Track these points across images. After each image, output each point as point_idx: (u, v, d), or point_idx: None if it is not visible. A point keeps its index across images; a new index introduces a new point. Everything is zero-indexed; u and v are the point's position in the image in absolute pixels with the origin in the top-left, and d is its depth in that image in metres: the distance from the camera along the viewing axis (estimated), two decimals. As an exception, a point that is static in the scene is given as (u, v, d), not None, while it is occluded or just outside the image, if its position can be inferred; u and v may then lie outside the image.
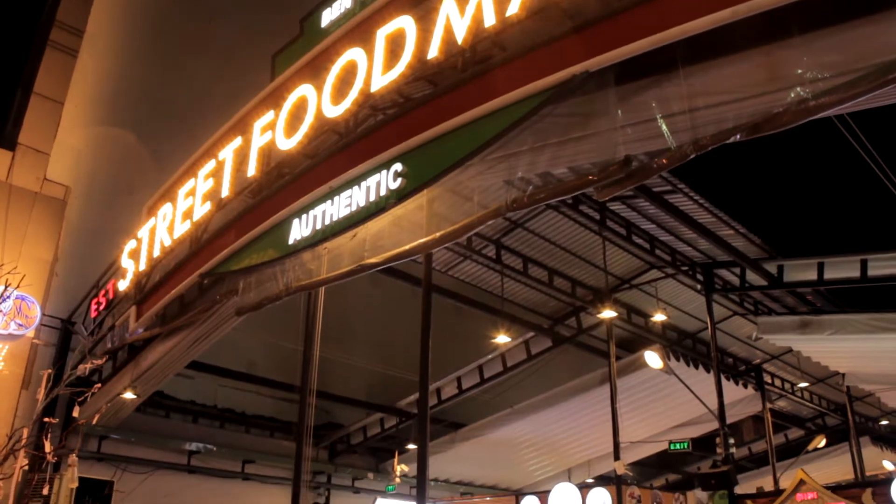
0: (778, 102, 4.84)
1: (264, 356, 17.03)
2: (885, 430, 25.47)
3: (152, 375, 13.48)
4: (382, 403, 19.22)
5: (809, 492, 14.42)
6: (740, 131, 4.94)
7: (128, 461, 15.85)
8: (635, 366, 16.05)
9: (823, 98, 4.65)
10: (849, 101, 4.63)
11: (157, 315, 11.53)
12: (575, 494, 14.69)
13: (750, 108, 5.05)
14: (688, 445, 15.78)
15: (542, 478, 20.24)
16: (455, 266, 14.90)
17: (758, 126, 4.88)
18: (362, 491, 20.68)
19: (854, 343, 15.34)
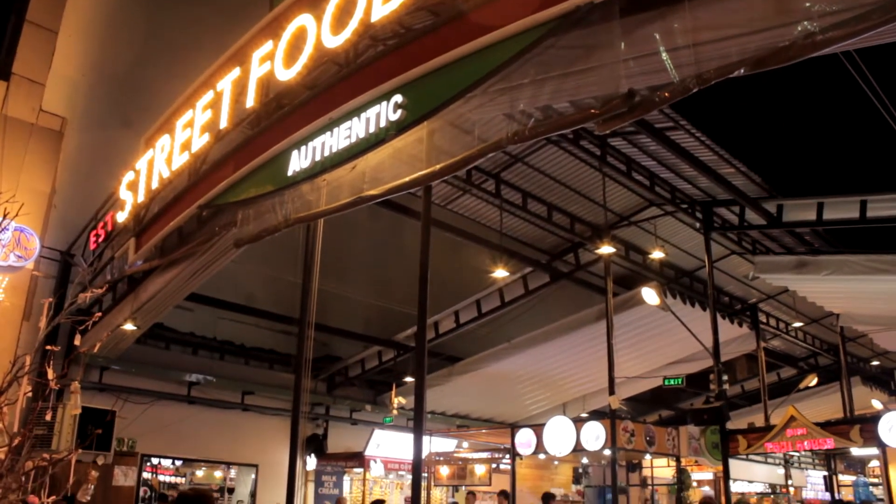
0: (784, 36, 4.76)
1: (263, 289, 17.12)
2: (876, 371, 25.81)
3: (152, 307, 13.57)
4: (380, 337, 19.40)
5: (799, 428, 14.72)
6: (745, 65, 4.87)
7: (129, 391, 16.07)
8: (632, 302, 16.15)
9: (831, 32, 4.57)
10: (857, 37, 4.55)
11: (156, 247, 11.54)
12: (569, 427, 14.95)
13: (755, 42, 4.96)
14: (682, 381, 16.01)
15: (538, 412, 20.55)
16: (454, 200, 14.88)
17: (762, 60, 4.81)
18: (360, 423, 21.04)
19: (850, 284, 15.41)
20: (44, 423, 12.98)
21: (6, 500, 4.80)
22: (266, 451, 18.42)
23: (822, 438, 14.46)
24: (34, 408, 5.55)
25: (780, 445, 14.98)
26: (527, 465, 17.18)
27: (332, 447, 20.44)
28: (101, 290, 6.72)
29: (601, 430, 14.43)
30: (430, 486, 18.34)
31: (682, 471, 17.28)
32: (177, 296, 13.60)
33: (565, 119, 6.09)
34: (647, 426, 15.87)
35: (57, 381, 5.57)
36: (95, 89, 14.67)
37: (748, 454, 16.15)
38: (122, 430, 15.25)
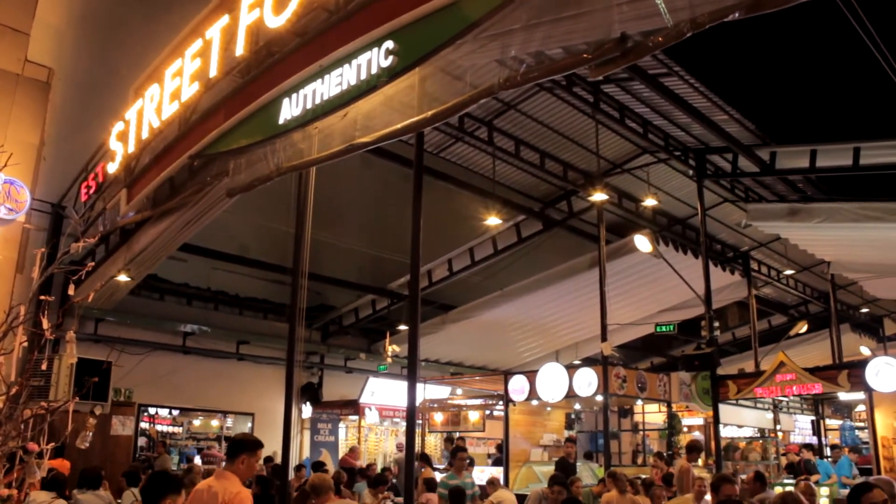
0: (781, -22, 4.70)
1: (256, 239, 17.11)
2: (865, 318, 26.05)
3: (145, 258, 13.57)
4: (374, 285, 19.47)
5: (788, 373, 14.90)
6: (739, 9, 4.80)
7: (124, 342, 16.16)
8: (625, 250, 16.21)
9: (827, -27, 4.53)
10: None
11: (148, 198, 11.49)
12: (562, 374, 15.12)
13: (750, -16, 4.90)
14: (673, 328, 16.16)
15: (531, 359, 20.74)
16: (447, 148, 14.82)
17: (758, 3, 4.75)
18: (354, 371, 21.23)
19: (841, 231, 15.47)
20: (41, 374, 13.08)
21: (6, 447, 4.85)
22: (262, 400, 18.60)
23: (810, 383, 14.65)
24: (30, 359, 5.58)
25: (770, 390, 15.19)
26: (520, 411, 17.39)
27: (327, 395, 20.66)
28: (93, 239, 6.70)
29: (593, 377, 14.59)
30: (425, 433, 18.60)
31: (673, 416, 17.56)
32: (170, 246, 13.59)
33: (557, 64, 6.03)
34: (639, 372, 16.06)
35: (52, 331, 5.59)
36: (82, 39, 14.43)
37: (738, 399, 16.36)
38: (118, 381, 15.36)
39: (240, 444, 5.19)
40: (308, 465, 15.38)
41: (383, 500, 11.52)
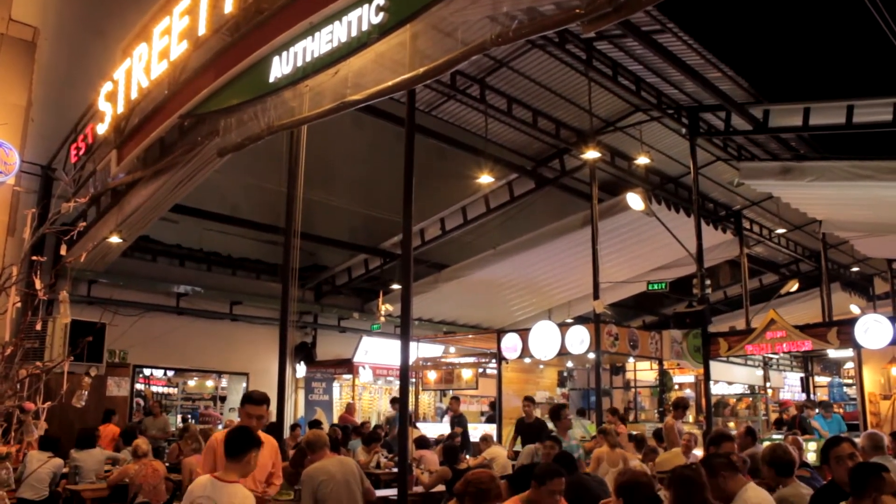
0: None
1: (248, 199, 17.06)
2: (855, 277, 26.19)
3: (137, 219, 13.53)
4: (367, 245, 19.47)
5: (779, 331, 15.01)
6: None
7: (118, 304, 16.15)
8: (617, 208, 16.21)
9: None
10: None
11: (139, 159, 11.43)
12: (554, 332, 15.21)
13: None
14: (665, 286, 16.22)
15: (524, 318, 20.84)
16: (438, 106, 14.73)
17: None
18: (348, 330, 21.30)
19: (833, 190, 15.48)
20: (35, 336, 13.10)
21: (2, 407, 4.88)
22: (256, 360, 18.67)
23: (800, 341, 14.77)
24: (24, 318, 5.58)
25: (760, 347, 15.31)
26: (512, 368, 17.52)
27: (320, 355, 20.75)
28: (83, 200, 6.68)
29: (586, 334, 14.69)
30: (418, 391, 18.74)
31: (665, 373, 17.72)
32: (161, 207, 13.55)
33: (549, 20, 5.96)
34: (631, 330, 16.17)
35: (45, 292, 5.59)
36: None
37: (729, 356, 16.52)
38: (113, 343, 15.38)
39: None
40: (303, 423, 15.53)
41: (376, 456, 11.67)
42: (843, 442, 5.43)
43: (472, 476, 4.93)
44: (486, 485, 4.80)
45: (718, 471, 4.79)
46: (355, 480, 7.15)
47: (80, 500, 9.32)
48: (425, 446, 10.93)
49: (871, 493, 4.35)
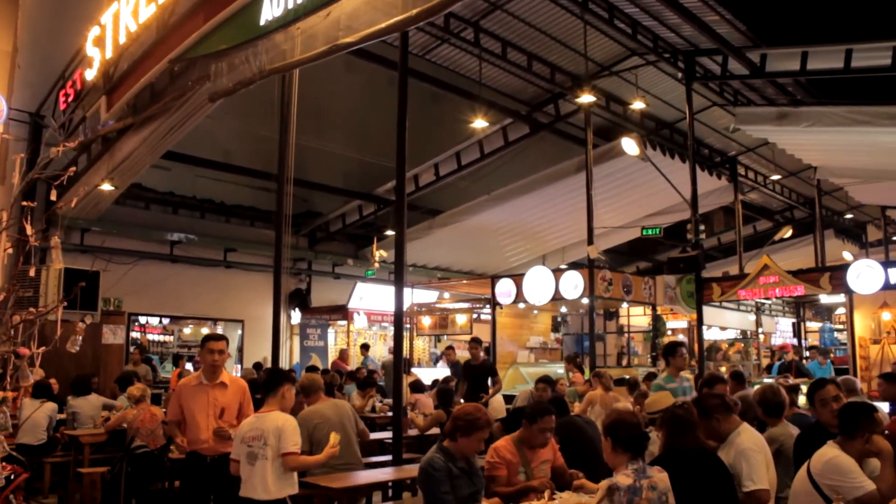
0: None
1: (240, 145, 16.91)
2: (849, 224, 26.27)
3: (128, 166, 13.42)
4: (360, 191, 19.38)
5: (772, 276, 15.11)
6: None
7: (111, 252, 16.10)
8: (612, 154, 16.13)
9: None
10: None
11: (129, 105, 11.29)
12: (548, 277, 15.26)
13: None
14: (659, 231, 16.24)
15: (518, 263, 20.87)
16: (432, 50, 14.54)
17: None
18: (342, 276, 21.36)
19: (829, 136, 15.40)
20: (29, 285, 13.08)
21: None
22: (251, 307, 18.74)
23: (793, 286, 14.87)
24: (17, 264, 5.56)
25: (753, 292, 15.41)
26: (507, 314, 17.65)
27: (315, 301, 20.83)
28: (72, 144, 6.59)
29: (580, 280, 14.74)
30: (413, 337, 18.86)
31: (658, 318, 17.85)
32: (153, 154, 13.42)
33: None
34: (625, 275, 16.23)
35: (36, 238, 5.55)
36: (51, -64, 13.90)
37: (721, 301, 16.63)
38: (107, 291, 15.40)
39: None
40: (298, 369, 15.65)
41: (371, 400, 11.79)
42: (828, 384, 5.53)
43: (458, 411, 5.01)
44: (472, 415, 4.87)
45: (713, 412, 4.85)
46: (350, 423, 7.24)
47: (78, 446, 9.41)
48: (420, 390, 11.04)
49: (862, 434, 4.40)
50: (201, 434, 5.60)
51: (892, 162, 15.74)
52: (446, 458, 4.77)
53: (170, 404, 5.89)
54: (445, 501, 4.63)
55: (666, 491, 3.90)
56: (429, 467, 4.73)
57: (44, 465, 9.64)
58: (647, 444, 4.09)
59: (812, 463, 4.37)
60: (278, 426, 4.99)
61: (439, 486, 4.65)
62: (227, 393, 5.81)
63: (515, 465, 5.19)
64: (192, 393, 5.79)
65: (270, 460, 4.90)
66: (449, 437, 4.89)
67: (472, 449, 4.87)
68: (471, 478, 4.82)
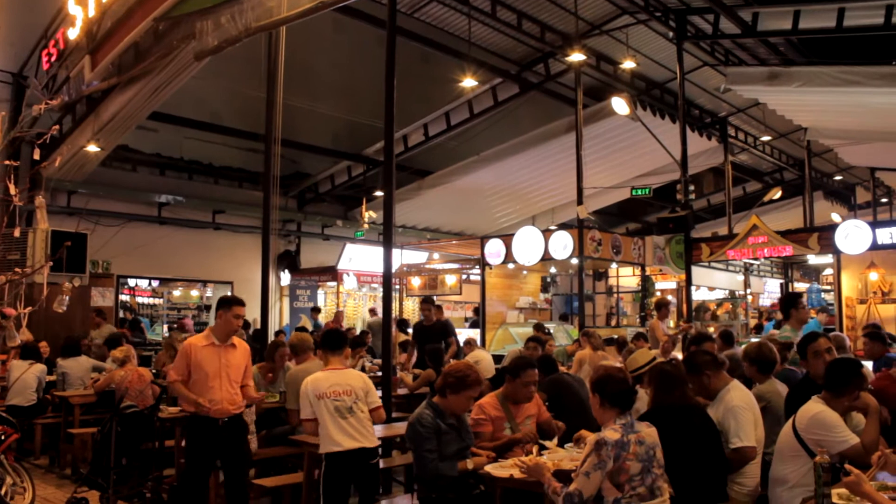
0: None
1: (228, 105, 16.73)
2: (838, 186, 26.35)
3: (114, 127, 13.30)
4: (349, 151, 19.25)
5: (761, 236, 15.15)
6: None
7: (98, 214, 16.03)
8: (602, 114, 16.06)
9: None
10: None
11: (113, 64, 11.15)
12: (538, 237, 15.27)
13: None
14: (649, 192, 16.22)
15: (507, 224, 20.88)
16: (421, 8, 14.36)
17: None
18: (332, 238, 21.32)
19: (820, 96, 15.34)
20: (16, 248, 13.02)
21: (-18, 312, 4.87)
22: (240, 269, 18.68)
23: (781, 246, 14.92)
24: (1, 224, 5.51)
25: (742, 253, 15.46)
26: (496, 274, 17.67)
27: (305, 262, 20.81)
28: (55, 102, 6.51)
29: (569, 240, 14.76)
30: (403, 298, 18.91)
31: (647, 278, 17.91)
32: (139, 114, 13.30)
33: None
34: (614, 235, 16.25)
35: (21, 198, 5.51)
36: None
37: (710, 261, 16.68)
38: (95, 253, 15.32)
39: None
40: (287, 330, 15.66)
41: (360, 360, 11.82)
42: (821, 337, 5.61)
43: (448, 368, 5.04)
44: (462, 372, 4.90)
45: (703, 369, 4.88)
46: (340, 382, 7.26)
47: (68, 406, 9.43)
48: (407, 349, 11.07)
49: (850, 390, 4.43)
50: (214, 395, 5.50)
51: (883, 123, 15.72)
52: (435, 414, 4.80)
53: (175, 363, 5.73)
54: (431, 458, 4.67)
55: (654, 446, 3.93)
56: (417, 424, 4.76)
57: (34, 426, 9.66)
58: (634, 400, 4.11)
59: (797, 418, 4.40)
60: (365, 382, 5.40)
61: (425, 442, 4.69)
62: (236, 354, 5.76)
63: (501, 421, 5.23)
64: (203, 354, 5.64)
65: (366, 412, 5.27)
66: (439, 394, 4.92)
67: (461, 406, 4.90)
68: (460, 434, 4.86)
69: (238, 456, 5.65)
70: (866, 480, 3.60)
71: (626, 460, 3.78)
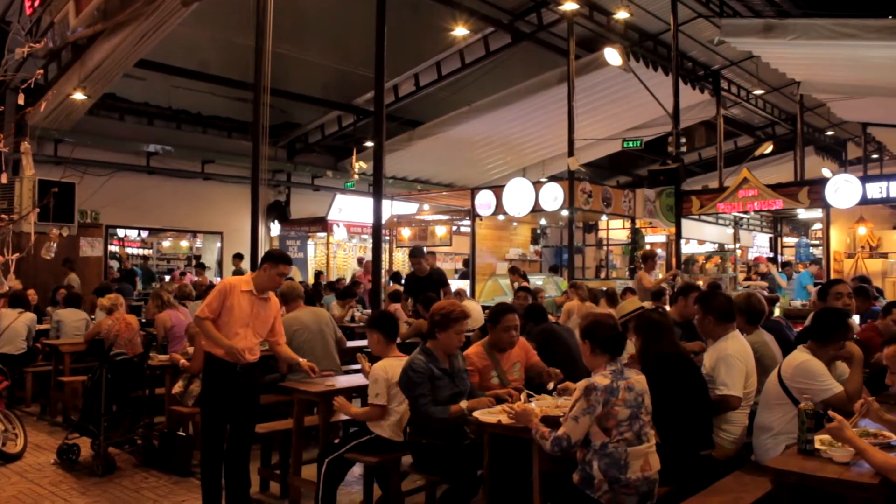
0: None
1: (216, 53, 16.47)
2: (829, 141, 26.30)
3: (101, 75, 13.13)
4: (339, 101, 19.06)
5: (751, 189, 15.18)
6: None
7: (86, 164, 15.91)
8: (594, 65, 15.91)
9: None
10: None
11: (99, 9, 10.97)
12: (528, 189, 15.25)
13: None
14: (640, 144, 16.17)
15: (498, 176, 20.81)
16: (412, -45, 14.14)
17: None
18: (322, 188, 21.26)
19: (815, 49, 15.22)
20: (3, 195, 12.93)
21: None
22: (230, 219, 18.65)
23: (771, 199, 14.96)
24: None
25: (732, 206, 15.51)
26: (486, 226, 17.66)
27: (294, 213, 20.77)
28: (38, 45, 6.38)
29: (559, 191, 14.74)
30: (393, 249, 18.92)
31: (637, 231, 17.93)
32: (126, 62, 13.11)
33: None
34: (605, 187, 16.23)
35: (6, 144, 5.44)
36: None
37: (700, 215, 16.71)
38: (83, 203, 15.24)
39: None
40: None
41: (350, 310, 11.88)
42: (843, 283, 6.13)
43: (434, 308, 5.02)
44: (446, 309, 4.90)
45: (713, 312, 4.94)
46: (329, 329, 7.29)
47: (58, 355, 9.45)
48: (398, 300, 11.09)
49: (836, 340, 4.48)
50: (238, 343, 5.43)
51: (877, 77, 15.63)
52: (428, 359, 4.81)
53: (209, 301, 5.50)
54: (423, 403, 4.70)
55: (643, 392, 3.96)
56: (409, 369, 4.78)
57: (25, 374, 9.69)
58: (624, 345, 4.14)
59: (783, 367, 4.45)
60: None
61: (417, 388, 4.71)
62: (267, 307, 5.68)
63: (487, 369, 5.25)
64: (240, 299, 5.50)
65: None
66: (429, 337, 4.92)
67: (452, 344, 4.88)
68: (453, 379, 4.86)
69: (250, 404, 5.62)
70: (848, 426, 3.66)
71: (615, 406, 3.81)
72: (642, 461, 3.86)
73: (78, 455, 7.03)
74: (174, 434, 7.00)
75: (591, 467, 3.84)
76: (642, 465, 3.86)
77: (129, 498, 6.07)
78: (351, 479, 6.20)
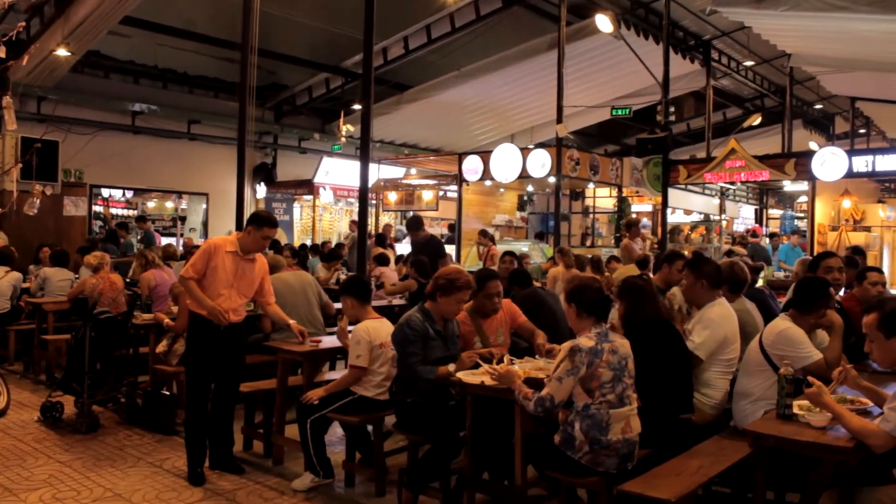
0: None
1: (204, 11, 16.22)
2: (818, 115, 26.33)
3: (85, 31, 12.94)
4: (328, 63, 18.86)
5: (738, 160, 15.22)
6: None
7: (70, 122, 15.73)
8: (585, 32, 15.80)
9: None
10: None
11: (83, -38, 10.77)
12: (516, 154, 15.22)
13: None
14: (629, 112, 16.13)
15: (486, 142, 20.72)
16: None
17: None
18: (309, 151, 21.13)
19: (807, 21, 15.14)
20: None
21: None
22: (216, 180, 18.53)
23: (758, 171, 15.00)
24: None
25: (719, 176, 15.53)
26: (473, 191, 17.66)
27: (281, 175, 20.66)
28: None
29: (547, 158, 14.73)
30: (379, 213, 18.89)
31: (623, 199, 17.98)
32: (111, 17, 12.93)
33: None
34: (592, 155, 16.22)
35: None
36: None
37: (687, 184, 16.75)
38: (67, 162, 15.10)
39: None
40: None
41: (336, 273, 11.87)
42: (835, 256, 6.03)
43: (438, 273, 5.07)
44: (452, 275, 4.93)
45: (703, 276, 4.98)
46: (313, 291, 7.30)
47: (42, 313, 9.43)
48: (384, 263, 11.10)
49: (817, 308, 4.53)
50: (222, 304, 5.41)
51: (867, 51, 15.61)
52: (425, 318, 4.85)
53: (194, 261, 5.49)
54: (413, 361, 4.74)
55: (626, 356, 4.00)
56: (406, 325, 4.82)
57: (8, 332, 9.66)
58: (610, 308, 4.16)
59: (764, 334, 4.51)
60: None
61: (410, 345, 4.75)
62: (253, 268, 5.66)
63: (471, 335, 5.29)
64: (224, 259, 5.48)
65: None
66: (430, 298, 4.95)
67: (451, 310, 4.92)
68: (445, 342, 4.92)
69: (234, 363, 5.64)
70: (827, 392, 3.72)
71: (599, 367, 3.84)
72: (623, 423, 3.91)
73: (62, 413, 7.03)
74: (158, 393, 7.03)
75: (573, 428, 3.88)
76: (623, 427, 3.90)
77: (112, 455, 6.09)
78: (335, 439, 6.26)
